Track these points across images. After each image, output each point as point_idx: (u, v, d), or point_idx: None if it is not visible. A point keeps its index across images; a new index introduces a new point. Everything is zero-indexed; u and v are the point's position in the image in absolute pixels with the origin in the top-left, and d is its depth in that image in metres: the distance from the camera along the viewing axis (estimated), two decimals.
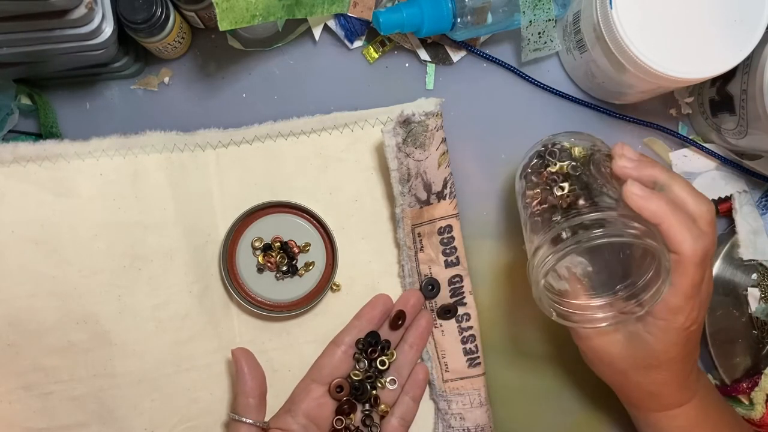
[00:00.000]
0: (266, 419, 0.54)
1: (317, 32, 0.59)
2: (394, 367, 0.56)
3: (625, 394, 0.53)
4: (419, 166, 0.55)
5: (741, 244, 0.59)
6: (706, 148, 0.60)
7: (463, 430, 0.57)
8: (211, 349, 0.56)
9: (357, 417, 0.54)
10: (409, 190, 0.55)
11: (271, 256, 0.56)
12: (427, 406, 0.58)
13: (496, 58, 0.60)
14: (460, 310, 0.57)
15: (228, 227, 0.56)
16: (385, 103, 0.58)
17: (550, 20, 0.56)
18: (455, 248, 0.57)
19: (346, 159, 0.58)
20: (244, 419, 0.52)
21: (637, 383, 0.50)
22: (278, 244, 0.56)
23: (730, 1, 0.49)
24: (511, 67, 0.60)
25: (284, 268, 0.56)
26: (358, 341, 0.55)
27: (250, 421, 0.52)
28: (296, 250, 0.56)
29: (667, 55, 0.49)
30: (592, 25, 0.52)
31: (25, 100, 0.57)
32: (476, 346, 0.57)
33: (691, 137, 0.60)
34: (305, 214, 0.57)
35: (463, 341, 0.57)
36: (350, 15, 0.57)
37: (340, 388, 0.54)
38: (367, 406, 0.55)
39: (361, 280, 0.58)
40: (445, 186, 0.56)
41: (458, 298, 0.57)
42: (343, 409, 0.54)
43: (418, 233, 0.57)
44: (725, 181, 0.60)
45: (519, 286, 0.60)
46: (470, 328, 0.57)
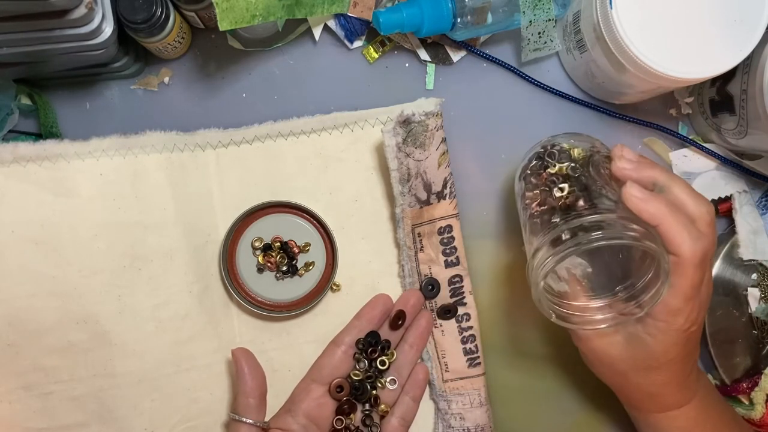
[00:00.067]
0: (266, 419, 0.54)
1: (317, 32, 0.58)
2: (394, 367, 0.56)
3: (625, 395, 0.53)
4: (419, 166, 0.55)
5: (741, 244, 0.59)
6: (706, 148, 0.60)
7: (463, 430, 0.57)
8: (211, 349, 0.56)
9: (357, 417, 0.54)
10: (409, 190, 0.55)
11: (271, 256, 0.56)
12: (427, 406, 0.58)
13: (496, 58, 0.60)
14: (460, 310, 0.57)
15: (228, 227, 0.56)
16: (385, 103, 0.58)
17: (550, 20, 0.56)
18: (455, 248, 0.57)
19: (346, 159, 0.58)
20: (244, 419, 0.52)
21: (637, 384, 0.50)
22: (278, 244, 0.56)
23: (730, 1, 0.49)
24: (511, 67, 0.60)
25: (284, 268, 0.56)
26: (358, 341, 0.55)
27: (250, 421, 0.52)
28: (296, 250, 0.56)
29: (667, 55, 0.49)
30: (592, 25, 0.52)
31: (25, 100, 0.57)
32: (476, 346, 0.57)
33: (691, 137, 0.60)
34: (305, 214, 0.57)
35: (463, 341, 0.57)
36: (350, 15, 0.57)
37: (340, 388, 0.54)
38: (367, 406, 0.55)
39: (361, 280, 0.58)
40: (445, 186, 0.56)
41: (458, 298, 0.57)
42: (343, 409, 0.54)
43: (418, 233, 0.57)
44: (725, 181, 0.60)
45: (519, 287, 0.60)
46: (470, 328, 0.57)
